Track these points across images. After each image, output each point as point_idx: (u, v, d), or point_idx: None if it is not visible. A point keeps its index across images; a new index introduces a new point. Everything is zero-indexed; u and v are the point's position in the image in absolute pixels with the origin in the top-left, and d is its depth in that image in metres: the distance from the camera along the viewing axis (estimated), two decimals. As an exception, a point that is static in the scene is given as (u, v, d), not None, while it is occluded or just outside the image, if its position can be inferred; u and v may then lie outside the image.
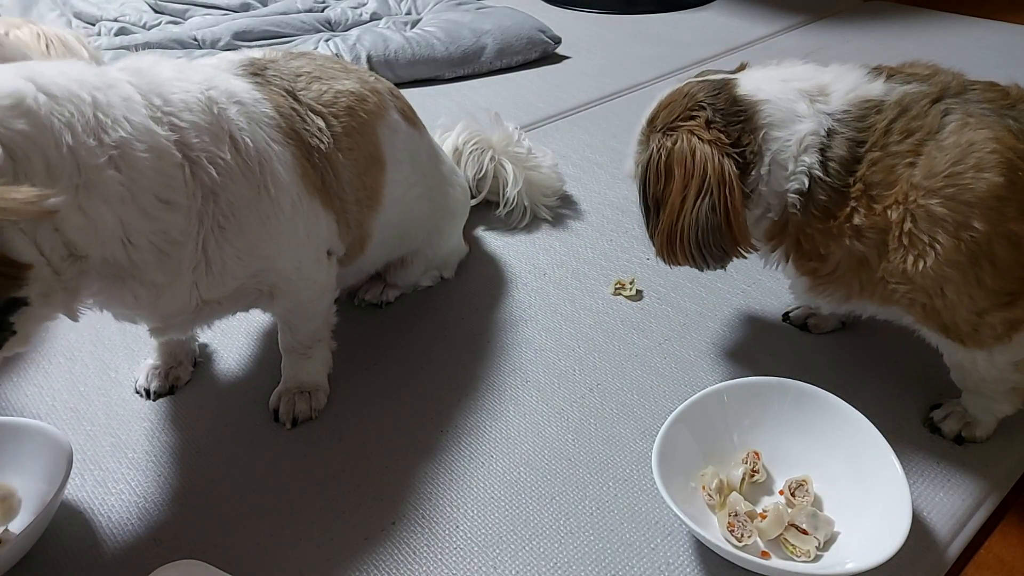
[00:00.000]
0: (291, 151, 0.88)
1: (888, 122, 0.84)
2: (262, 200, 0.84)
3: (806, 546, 0.80)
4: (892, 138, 0.83)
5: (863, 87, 0.88)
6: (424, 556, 0.84)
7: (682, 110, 0.90)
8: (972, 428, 0.94)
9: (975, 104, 0.84)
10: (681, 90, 0.93)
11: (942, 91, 0.86)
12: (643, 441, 0.96)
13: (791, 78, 0.90)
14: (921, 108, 0.84)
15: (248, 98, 0.86)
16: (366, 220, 1.02)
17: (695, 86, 0.92)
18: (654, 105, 0.95)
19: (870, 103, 0.86)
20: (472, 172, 1.37)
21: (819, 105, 0.87)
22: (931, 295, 0.83)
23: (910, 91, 0.86)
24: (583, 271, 1.28)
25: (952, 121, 0.82)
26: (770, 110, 0.88)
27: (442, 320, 1.19)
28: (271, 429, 1.00)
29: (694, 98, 0.90)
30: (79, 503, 0.90)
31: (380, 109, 1.03)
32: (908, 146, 0.82)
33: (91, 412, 1.02)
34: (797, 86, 0.89)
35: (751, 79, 0.92)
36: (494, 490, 0.92)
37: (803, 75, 0.91)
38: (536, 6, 2.48)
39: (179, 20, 2.17)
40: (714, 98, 0.89)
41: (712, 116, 0.88)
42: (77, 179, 0.71)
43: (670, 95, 0.93)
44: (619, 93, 1.92)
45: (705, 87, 0.91)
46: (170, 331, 0.93)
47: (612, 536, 0.86)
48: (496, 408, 1.03)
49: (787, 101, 0.88)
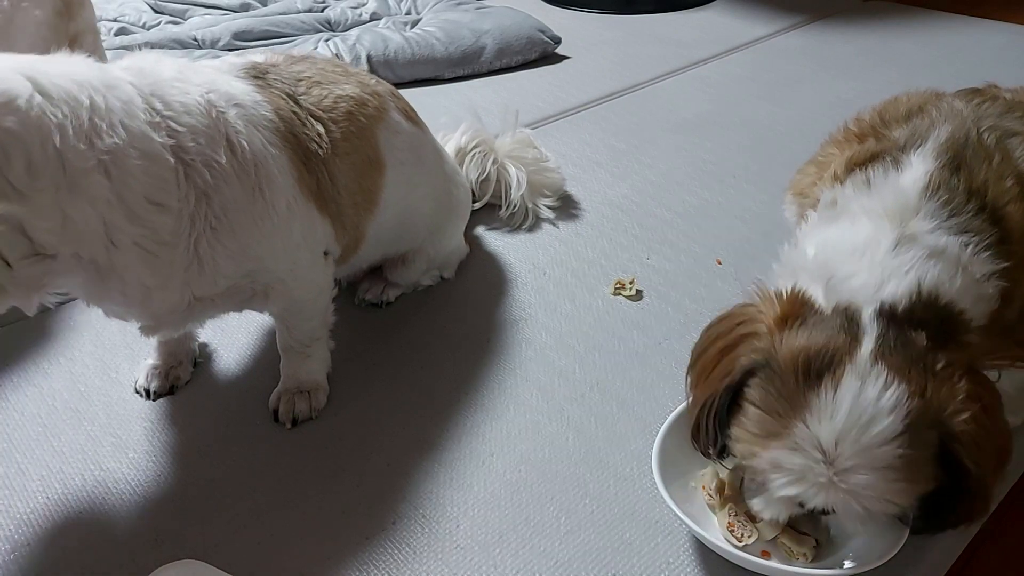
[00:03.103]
0: (288, 155, 0.88)
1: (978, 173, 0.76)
2: (256, 202, 0.84)
3: (803, 548, 0.80)
4: (998, 186, 0.75)
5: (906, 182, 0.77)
6: (424, 555, 0.84)
7: (932, 374, 0.68)
8: None
9: (1007, 117, 0.81)
10: (897, 366, 0.68)
11: (966, 120, 0.81)
12: (643, 440, 0.96)
13: (870, 254, 0.74)
14: (978, 145, 0.77)
15: (248, 100, 0.86)
16: (362, 222, 1.03)
17: (897, 356, 0.68)
18: (896, 421, 0.66)
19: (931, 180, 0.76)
20: (475, 175, 1.36)
21: (921, 234, 0.74)
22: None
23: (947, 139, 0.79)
24: (583, 270, 1.28)
25: (1017, 146, 0.78)
26: (936, 283, 0.72)
27: (442, 319, 1.19)
28: (271, 429, 1.00)
29: (917, 354, 0.69)
30: (80, 503, 0.90)
31: (380, 112, 1.03)
32: (1016, 187, 0.76)
33: (91, 412, 1.02)
34: (885, 249, 0.74)
35: (871, 286, 0.72)
36: (494, 489, 0.92)
37: (865, 243, 0.75)
38: (536, 6, 2.47)
39: (179, 20, 2.17)
40: (918, 335, 0.70)
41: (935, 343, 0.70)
42: (60, 180, 0.71)
43: (904, 385, 0.67)
44: (619, 93, 1.92)
45: (897, 339, 0.69)
46: (162, 329, 0.93)
47: (612, 535, 0.86)
48: (496, 407, 1.03)
49: (922, 265, 0.73)
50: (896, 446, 0.66)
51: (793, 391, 0.69)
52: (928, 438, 0.67)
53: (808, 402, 0.68)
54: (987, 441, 0.69)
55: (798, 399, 0.68)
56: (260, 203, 0.85)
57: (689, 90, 1.94)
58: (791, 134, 1.65)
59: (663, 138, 1.70)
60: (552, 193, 1.44)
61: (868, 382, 0.67)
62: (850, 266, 0.74)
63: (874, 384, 0.67)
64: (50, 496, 0.91)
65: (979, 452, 0.68)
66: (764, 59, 2.13)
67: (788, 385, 0.69)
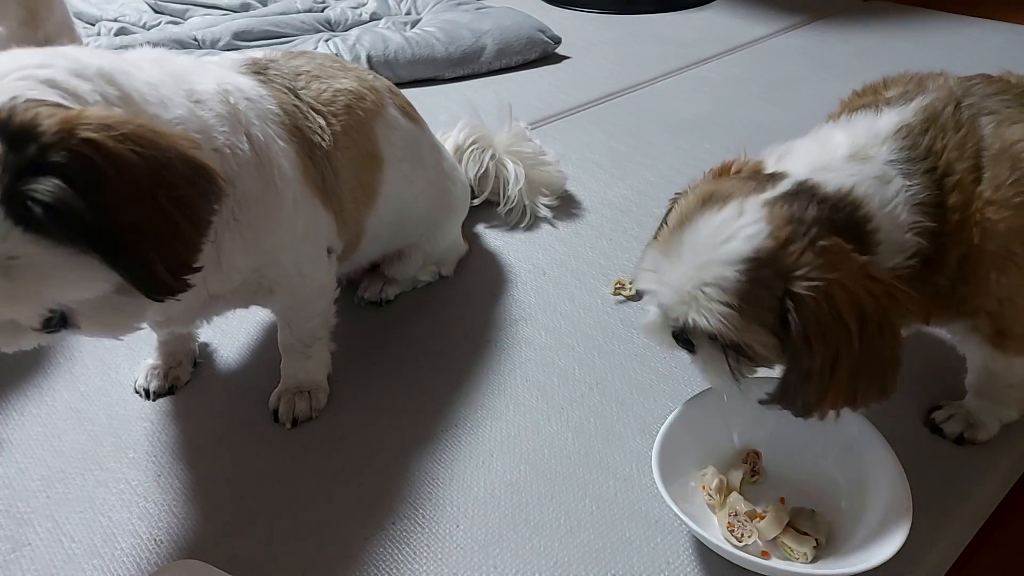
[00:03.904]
0: (295, 148, 0.88)
1: (941, 139, 0.79)
2: (269, 194, 0.84)
3: (803, 548, 0.80)
4: (954, 154, 0.78)
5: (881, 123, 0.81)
6: (424, 555, 0.84)
7: (810, 241, 0.71)
8: (975, 431, 0.94)
9: (993, 99, 0.82)
10: (779, 218, 0.72)
11: (952, 94, 0.83)
12: (643, 440, 0.96)
13: (828, 153, 0.80)
14: (952, 117, 0.80)
15: (255, 94, 0.86)
16: (362, 217, 1.03)
17: (786, 210, 0.73)
18: (750, 246, 0.71)
19: (903, 130, 0.80)
20: (473, 171, 1.37)
21: (876, 159, 0.78)
22: (1002, 303, 0.80)
23: (927, 104, 0.82)
24: (583, 270, 1.28)
25: (987, 124, 0.79)
26: (868, 193, 0.76)
27: (442, 319, 1.19)
28: (271, 429, 1.00)
29: (807, 222, 0.72)
30: (80, 503, 0.90)
31: (378, 107, 1.03)
32: (970, 160, 0.78)
33: (92, 412, 1.02)
34: (842, 154, 0.79)
35: (811, 169, 0.78)
36: (494, 489, 0.92)
37: (829, 144, 0.81)
38: (536, 6, 2.47)
39: (179, 20, 2.17)
40: (820, 211, 0.73)
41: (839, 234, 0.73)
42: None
43: (772, 230, 0.72)
44: (619, 93, 1.92)
45: (798, 204, 0.73)
46: (172, 325, 0.93)
47: (612, 534, 0.86)
48: (496, 407, 1.03)
49: (864, 176, 0.77)
50: (734, 269, 0.71)
51: (689, 212, 0.77)
52: (770, 282, 0.71)
53: (692, 218, 0.75)
54: (831, 326, 0.70)
55: (688, 217, 0.76)
56: (272, 195, 0.84)
57: (689, 90, 1.94)
58: (791, 134, 1.64)
59: (663, 138, 1.70)
60: (551, 191, 1.44)
61: (743, 213, 0.73)
62: (805, 154, 0.82)
63: (745, 216, 0.73)
64: (51, 496, 0.91)
65: (817, 328, 0.70)
66: (764, 59, 2.13)
67: (688, 208, 0.77)
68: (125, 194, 0.63)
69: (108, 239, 0.63)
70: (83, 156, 0.61)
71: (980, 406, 0.94)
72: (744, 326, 0.72)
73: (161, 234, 0.66)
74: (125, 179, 0.63)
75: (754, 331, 0.72)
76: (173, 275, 0.67)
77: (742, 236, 0.72)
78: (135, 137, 0.64)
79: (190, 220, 0.68)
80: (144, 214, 0.65)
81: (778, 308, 0.71)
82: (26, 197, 0.60)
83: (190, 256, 0.69)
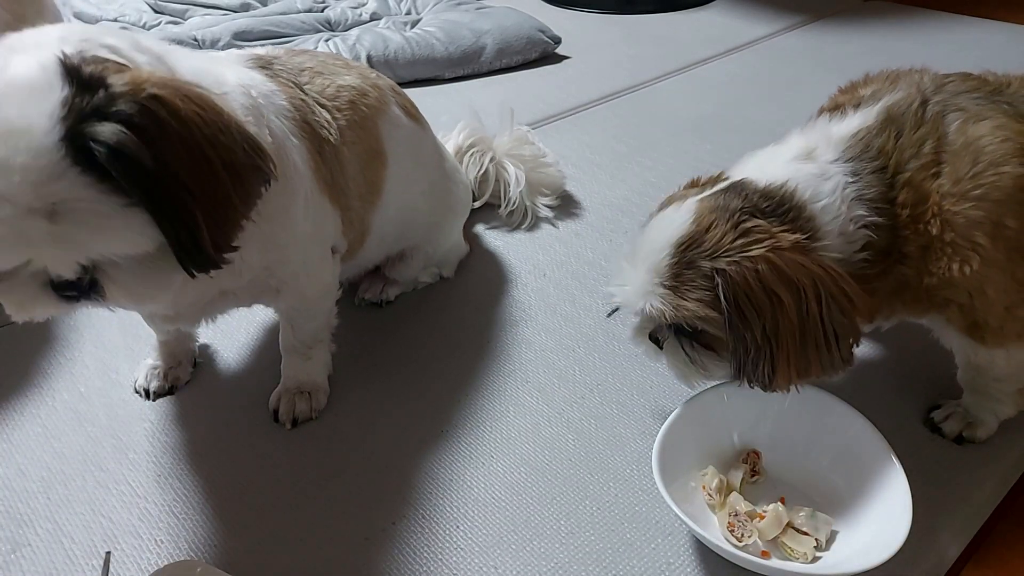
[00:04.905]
0: (307, 145, 0.89)
1: (895, 139, 0.82)
2: (285, 188, 0.84)
3: (803, 548, 0.80)
4: (907, 152, 0.81)
5: (837, 128, 0.85)
6: (424, 556, 0.84)
7: (732, 225, 0.79)
8: (973, 429, 0.94)
9: (964, 96, 0.83)
10: (704, 208, 0.82)
11: (921, 92, 0.85)
12: (643, 441, 0.96)
13: (776, 155, 0.86)
14: (915, 115, 0.83)
15: (267, 89, 0.86)
16: (367, 215, 1.03)
17: (712, 201, 0.82)
18: (677, 233, 0.81)
19: (859, 133, 0.84)
20: (474, 173, 1.37)
21: (820, 159, 0.83)
22: (972, 295, 0.82)
23: (891, 103, 0.85)
24: (583, 271, 1.28)
25: (953, 120, 0.81)
26: (800, 185, 0.81)
27: (442, 320, 1.19)
28: (271, 429, 1.00)
29: (730, 209, 0.80)
30: (80, 504, 0.90)
31: (381, 104, 1.03)
32: (927, 157, 0.81)
33: (92, 413, 1.02)
34: (789, 156, 0.85)
35: (755, 170, 0.85)
36: (494, 490, 0.92)
37: (782, 148, 0.87)
38: (536, 6, 2.48)
39: (179, 20, 2.17)
40: (745, 201, 0.81)
41: (766, 219, 0.80)
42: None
43: (695, 218, 0.81)
44: (619, 93, 1.92)
45: (725, 196, 0.82)
46: (180, 321, 0.93)
47: (612, 536, 0.86)
48: (496, 408, 1.03)
49: (800, 172, 0.82)
50: (668, 256, 0.81)
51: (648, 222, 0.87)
52: (697, 262, 0.79)
53: (647, 225, 0.86)
54: (759, 296, 0.76)
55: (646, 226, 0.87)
56: (288, 190, 0.84)
57: (689, 90, 1.94)
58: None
59: (663, 138, 1.70)
60: (551, 191, 1.44)
61: (679, 210, 0.83)
62: (759, 158, 0.88)
63: (680, 212, 0.83)
64: (51, 497, 0.91)
65: (746, 299, 0.77)
66: (764, 59, 2.13)
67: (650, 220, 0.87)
68: (185, 152, 0.64)
69: (163, 193, 0.63)
70: (149, 110, 0.62)
71: (974, 403, 0.94)
72: (680, 304, 0.80)
73: (213, 199, 0.66)
74: (187, 137, 0.64)
75: (691, 308, 0.80)
76: (215, 246, 0.68)
77: (673, 227, 0.82)
78: (199, 101, 0.65)
79: (240, 192, 0.69)
80: (200, 175, 0.65)
81: (711, 285, 0.79)
82: (89, 138, 0.60)
83: (233, 230, 0.70)
